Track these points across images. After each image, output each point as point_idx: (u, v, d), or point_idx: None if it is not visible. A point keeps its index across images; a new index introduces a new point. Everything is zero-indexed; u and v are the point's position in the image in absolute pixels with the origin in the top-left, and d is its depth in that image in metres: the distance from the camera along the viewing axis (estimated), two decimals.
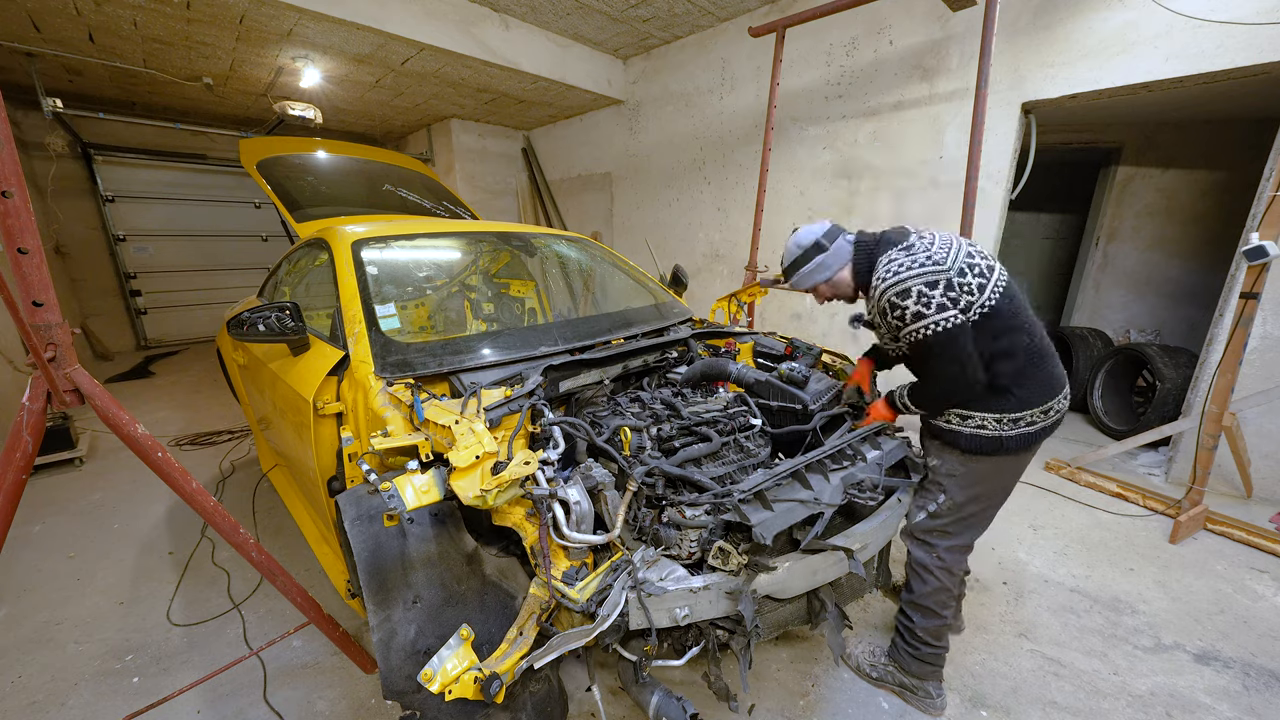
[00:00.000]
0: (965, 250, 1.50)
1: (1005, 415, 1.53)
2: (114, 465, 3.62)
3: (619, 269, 2.96)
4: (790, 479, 1.49)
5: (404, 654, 1.21)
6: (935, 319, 1.42)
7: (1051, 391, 1.54)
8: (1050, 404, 1.54)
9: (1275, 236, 2.44)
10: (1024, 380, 1.51)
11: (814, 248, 1.65)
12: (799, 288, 1.75)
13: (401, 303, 2.50)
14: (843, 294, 1.72)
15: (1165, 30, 2.81)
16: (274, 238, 7.87)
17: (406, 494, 1.29)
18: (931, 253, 1.47)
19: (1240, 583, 2.42)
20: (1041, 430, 1.56)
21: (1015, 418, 1.53)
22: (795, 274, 1.71)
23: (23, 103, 5.39)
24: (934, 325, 1.43)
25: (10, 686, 1.89)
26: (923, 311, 1.43)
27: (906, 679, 1.80)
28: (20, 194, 1.15)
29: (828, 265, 1.64)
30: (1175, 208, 4.89)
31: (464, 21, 4.38)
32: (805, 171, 4.50)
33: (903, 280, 1.45)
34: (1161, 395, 3.70)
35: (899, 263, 1.47)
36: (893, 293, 1.46)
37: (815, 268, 1.66)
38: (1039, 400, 1.53)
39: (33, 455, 1.31)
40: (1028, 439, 1.56)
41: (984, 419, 1.55)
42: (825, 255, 1.64)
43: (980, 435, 1.56)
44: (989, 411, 1.54)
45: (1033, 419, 1.53)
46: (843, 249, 1.64)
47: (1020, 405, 1.52)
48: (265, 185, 3.13)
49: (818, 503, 1.44)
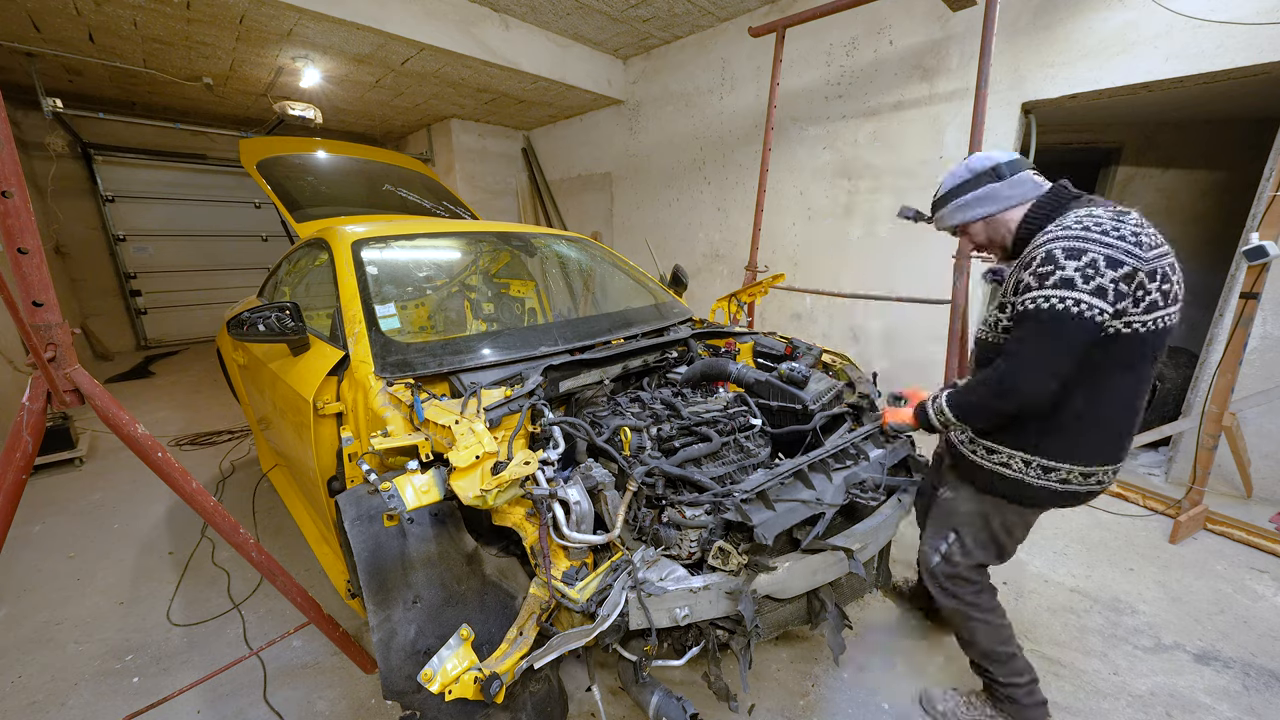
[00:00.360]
0: (1172, 260, 1.19)
1: (1037, 459, 1.30)
2: (114, 465, 3.62)
3: (619, 269, 2.96)
4: (793, 478, 1.49)
5: (404, 654, 1.21)
6: (1082, 297, 1.12)
7: (1105, 457, 1.29)
8: (1097, 470, 1.30)
9: (1275, 236, 2.44)
10: (1085, 428, 1.26)
11: (989, 173, 1.35)
12: (946, 223, 1.45)
13: (401, 303, 2.50)
14: (997, 242, 1.40)
15: (1165, 30, 2.81)
16: (274, 238, 7.87)
17: (406, 494, 1.29)
18: (1141, 235, 1.15)
19: (1240, 583, 2.41)
20: (1071, 494, 1.32)
21: (1048, 466, 1.30)
22: (952, 202, 1.41)
23: (23, 103, 5.39)
24: (1071, 301, 1.13)
25: (10, 686, 1.89)
26: (1074, 280, 1.13)
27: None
28: (20, 194, 1.15)
29: (999, 197, 1.34)
30: (1175, 208, 4.89)
31: (464, 21, 4.38)
32: (805, 171, 4.50)
33: (1087, 240, 1.14)
34: (1161, 395, 3.69)
35: (1096, 222, 1.16)
36: (1062, 244, 1.15)
37: (982, 197, 1.35)
38: (1087, 459, 1.28)
39: (33, 455, 1.31)
40: (1053, 496, 1.33)
41: (1011, 457, 1.33)
42: (1000, 185, 1.33)
43: (1001, 474, 1.36)
44: (1019, 449, 1.32)
45: (1068, 477, 1.30)
46: (1026, 184, 1.33)
47: (1062, 455, 1.28)
48: (265, 185, 3.13)
49: (819, 503, 1.43)
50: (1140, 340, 1.18)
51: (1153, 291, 1.15)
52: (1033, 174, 1.35)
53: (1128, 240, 1.13)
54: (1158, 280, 1.15)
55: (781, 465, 1.50)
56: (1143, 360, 1.21)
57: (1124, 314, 1.16)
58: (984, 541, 1.48)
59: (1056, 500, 1.34)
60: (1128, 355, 1.20)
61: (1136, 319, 1.16)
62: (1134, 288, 1.14)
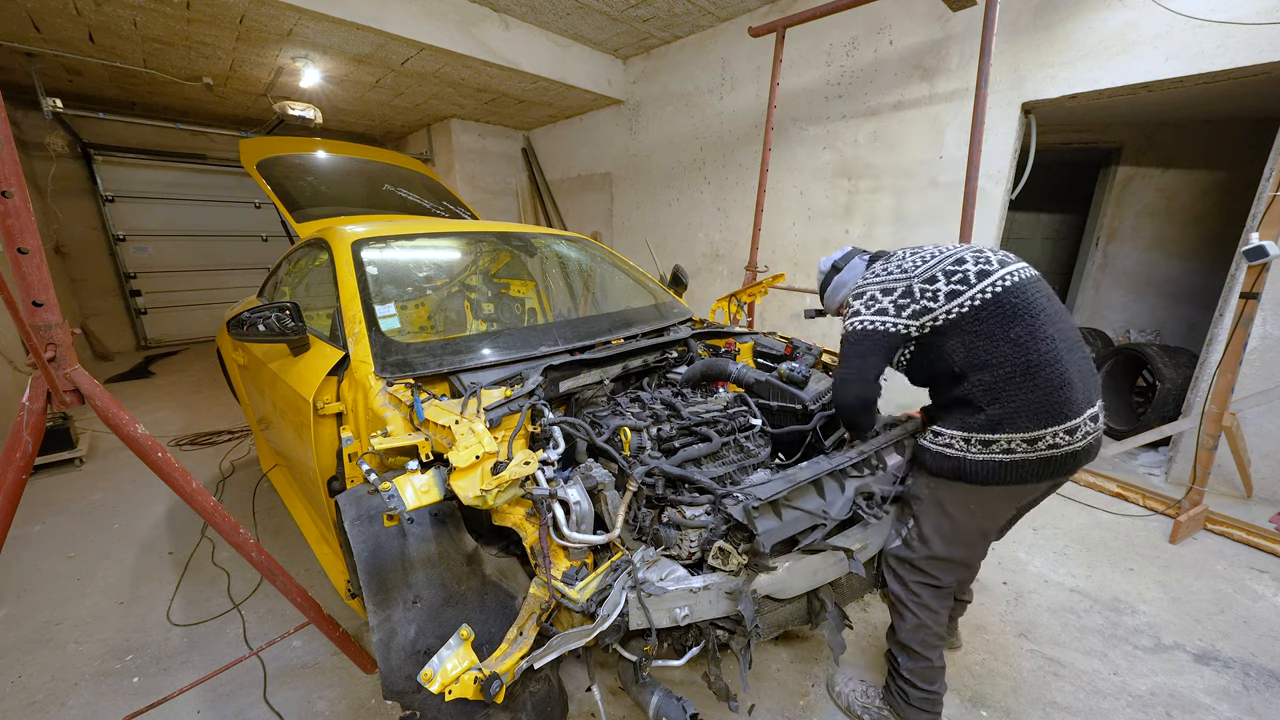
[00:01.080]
0: (956, 257, 1.43)
1: (973, 435, 1.37)
2: (114, 465, 3.62)
3: (619, 269, 2.96)
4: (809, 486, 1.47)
5: (404, 654, 1.20)
6: (865, 317, 1.47)
7: (1046, 419, 1.31)
8: (1040, 433, 1.31)
9: (1275, 236, 2.44)
10: (999, 397, 1.32)
11: (831, 270, 1.79)
12: (829, 310, 1.86)
13: (401, 303, 2.50)
14: None
15: (1165, 30, 2.81)
16: (274, 238, 7.86)
17: (406, 494, 1.29)
18: (904, 261, 1.49)
19: (1240, 583, 2.42)
20: (1022, 463, 1.34)
21: (985, 440, 1.35)
22: (824, 298, 1.83)
23: (23, 103, 5.39)
24: (857, 322, 1.47)
25: (10, 686, 1.89)
26: (860, 310, 1.49)
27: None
28: (20, 194, 1.15)
29: (844, 284, 1.73)
30: (1175, 208, 4.89)
31: (464, 21, 4.38)
32: (805, 171, 4.50)
33: (866, 285, 1.53)
34: (1161, 395, 3.69)
35: (873, 271, 1.57)
36: (852, 294, 1.57)
37: (835, 288, 1.76)
38: (1021, 425, 1.31)
39: (33, 455, 1.31)
40: (999, 469, 1.35)
41: (951, 437, 1.41)
42: (841, 275, 1.75)
43: (944, 455, 1.43)
44: (956, 429, 1.40)
45: (1010, 445, 1.33)
46: (856, 267, 1.72)
47: (990, 426, 1.34)
48: (265, 185, 3.13)
49: (825, 514, 1.43)
50: (977, 315, 1.36)
51: (939, 288, 1.40)
52: (860, 256, 1.74)
53: (891, 273, 1.49)
54: (938, 282, 1.41)
55: (801, 472, 1.45)
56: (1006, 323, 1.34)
57: (924, 313, 1.41)
58: (942, 530, 1.48)
59: (1009, 474, 1.36)
60: (984, 327, 1.35)
61: (943, 307, 1.39)
62: (915, 296, 1.42)
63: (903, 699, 1.61)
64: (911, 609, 1.55)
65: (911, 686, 1.59)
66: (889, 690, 1.68)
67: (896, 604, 1.59)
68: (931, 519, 1.49)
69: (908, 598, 1.56)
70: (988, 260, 1.43)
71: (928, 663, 1.57)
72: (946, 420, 1.45)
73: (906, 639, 1.58)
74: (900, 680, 1.61)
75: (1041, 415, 1.31)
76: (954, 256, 1.45)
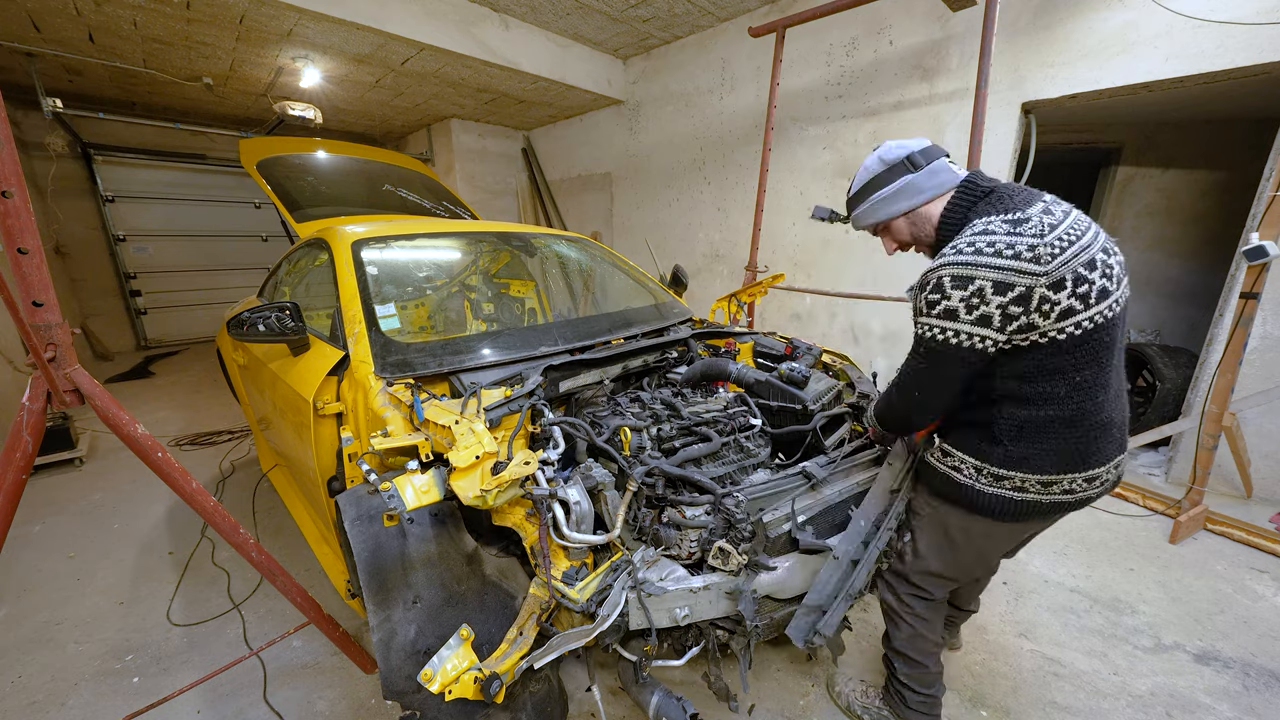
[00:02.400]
0: (1089, 259, 1.09)
1: (986, 467, 1.23)
2: (114, 465, 3.62)
3: (619, 269, 2.96)
4: None
5: (404, 654, 1.21)
6: (960, 328, 1.11)
7: (1069, 466, 1.18)
8: (1060, 479, 1.19)
9: (1275, 236, 2.44)
10: (1026, 437, 1.18)
11: (903, 164, 1.26)
12: (865, 222, 1.35)
13: (401, 303, 2.50)
14: (923, 236, 1.31)
15: (1165, 30, 2.81)
16: (274, 238, 7.87)
17: (406, 494, 1.29)
18: (1040, 244, 1.06)
19: (1240, 583, 2.41)
20: (1034, 504, 1.22)
21: (998, 474, 1.22)
22: (870, 198, 1.31)
23: (23, 103, 5.39)
24: (949, 332, 1.12)
25: (10, 686, 1.89)
26: (956, 311, 1.10)
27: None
28: (20, 194, 1.15)
29: (919, 189, 1.24)
30: (1175, 208, 4.89)
31: (464, 21, 4.38)
32: (805, 171, 4.50)
33: (976, 265, 1.08)
34: (1161, 395, 3.69)
35: (990, 239, 1.09)
36: (949, 272, 1.11)
37: (901, 190, 1.26)
38: (1041, 468, 1.19)
39: (33, 455, 1.31)
40: (1008, 506, 1.23)
41: (963, 461, 1.27)
42: (918, 176, 1.24)
43: (950, 479, 1.30)
44: (968, 455, 1.26)
45: (1024, 485, 1.21)
46: (943, 173, 1.25)
47: (1006, 463, 1.20)
48: (265, 185, 3.13)
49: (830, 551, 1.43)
50: (1061, 348, 1.10)
51: (1062, 300, 1.07)
52: (948, 161, 1.27)
53: (1022, 258, 1.06)
54: (1065, 288, 1.07)
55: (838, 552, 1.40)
56: (1080, 366, 1.12)
57: (1028, 328, 1.09)
58: (939, 547, 1.39)
59: (1019, 512, 1.23)
60: (1052, 363, 1.12)
61: (1050, 328, 1.09)
62: (1033, 305, 1.07)
63: (901, 702, 1.60)
64: (905, 619, 1.51)
65: (909, 691, 1.58)
66: (888, 691, 1.66)
67: (890, 613, 1.55)
68: (930, 538, 1.41)
69: (900, 608, 1.51)
70: (1111, 270, 1.12)
71: (924, 669, 1.55)
72: (958, 441, 1.29)
73: (901, 646, 1.54)
74: (898, 684, 1.60)
75: (1066, 462, 1.18)
76: (1087, 255, 1.09)
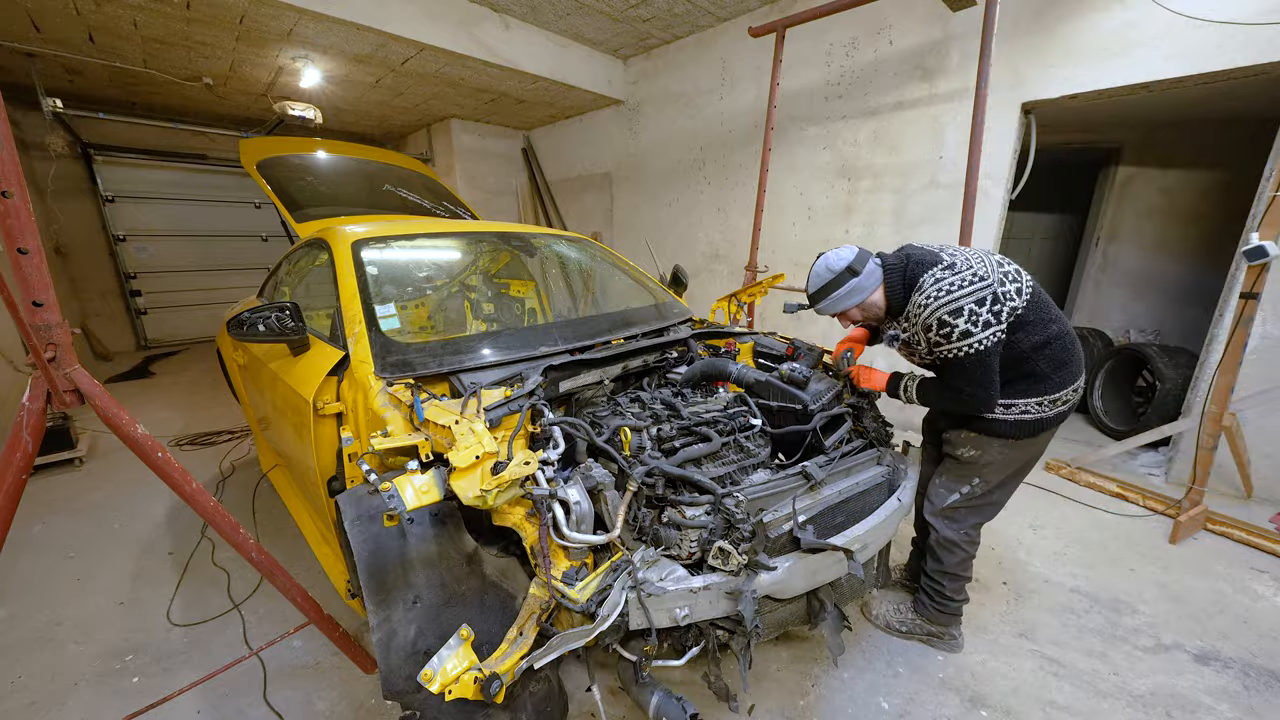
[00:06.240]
0: (995, 259, 1.61)
1: (1047, 397, 1.64)
2: (114, 465, 3.62)
3: (619, 269, 2.96)
4: None
5: (404, 654, 1.21)
6: (980, 337, 1.51)
7: (1080, 369, 1.68)
8: (1079, 382, 1.68)
9: (1275, 236, 2.44)
10: (1062, 364, 1.62)
11: (847, 272, 1.66)
12: (828, 312, 1.76)
13: (401, 303, 2.50)
14: (873, 316, 1.76)
15: (1165, 30, 2.81)
16: (274, 238, 7.86)
17: (406, 494, 1.29)
18: (974, 269, 1.55)
19: (1240, 583, 2.42)
20: (1072, 407, 1.70)
21: (1054, 398, 1.65)
22: (826, 299, 1.71)
23: (23, 103, 5.38)
24: (976, 344, 1.52)
25: (10, 686, 1.89)
26: (970, 330, 1.51)
27: (934, 628, 1.99)
28: (20, 194, 1.15)
29: (862, 288, 1.67)
30: (1175, 208, 4.89)
31: (464, 22, 4.38)
32: (805, 171, 4.50)
33: (955, 299, 1.52)
34: (1161, 395, 3.69)
35: (949, 282, 1.54)
36: (944, 310, 1.53)
37: (849, 292, 1.67)
38: (1073, 379, 1.66)
39: (33, 455, 1.31)
40: (1063, 416, 1.70)
41: (1026, 405, 1.65)
42: (858, 279, 1.65)
43: (1024, 420, 1.67)
44: (1031, 397, 1.65)
45: (1067, 397, 1.67)
46: (875, 273, 1.67)
47: (1059, 386, 1.64)
48: (265, 185, 3.13)
49: None
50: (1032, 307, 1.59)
51: (1009, 289, 1.56)
52: (872, 259, 1.69)
53: (971, 281, 1.54)
54: (1006, 284, 1.56)
55: None
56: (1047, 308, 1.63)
57: (1011, 313, 1.55)
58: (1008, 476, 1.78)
59: (1058, 421, 1.71)
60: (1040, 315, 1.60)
61: (1019, 305, 1.56)
62: (1001, 301, 1.53)
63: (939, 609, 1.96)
64: (962, 545, 1.84)
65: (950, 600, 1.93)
66: (921, 604, 2.01)
67: (949, 545, 1.86)
68: (1000, 471, 1.76)
69: (961, 538, 1.84)
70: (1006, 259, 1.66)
71: (966, 579, 1.92)
72: (1017, 393, 1.66)
73: (954, 569, 1.88)
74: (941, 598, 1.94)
75: (1079, 368, 1.68)
76: (994, 259, 1.62)
